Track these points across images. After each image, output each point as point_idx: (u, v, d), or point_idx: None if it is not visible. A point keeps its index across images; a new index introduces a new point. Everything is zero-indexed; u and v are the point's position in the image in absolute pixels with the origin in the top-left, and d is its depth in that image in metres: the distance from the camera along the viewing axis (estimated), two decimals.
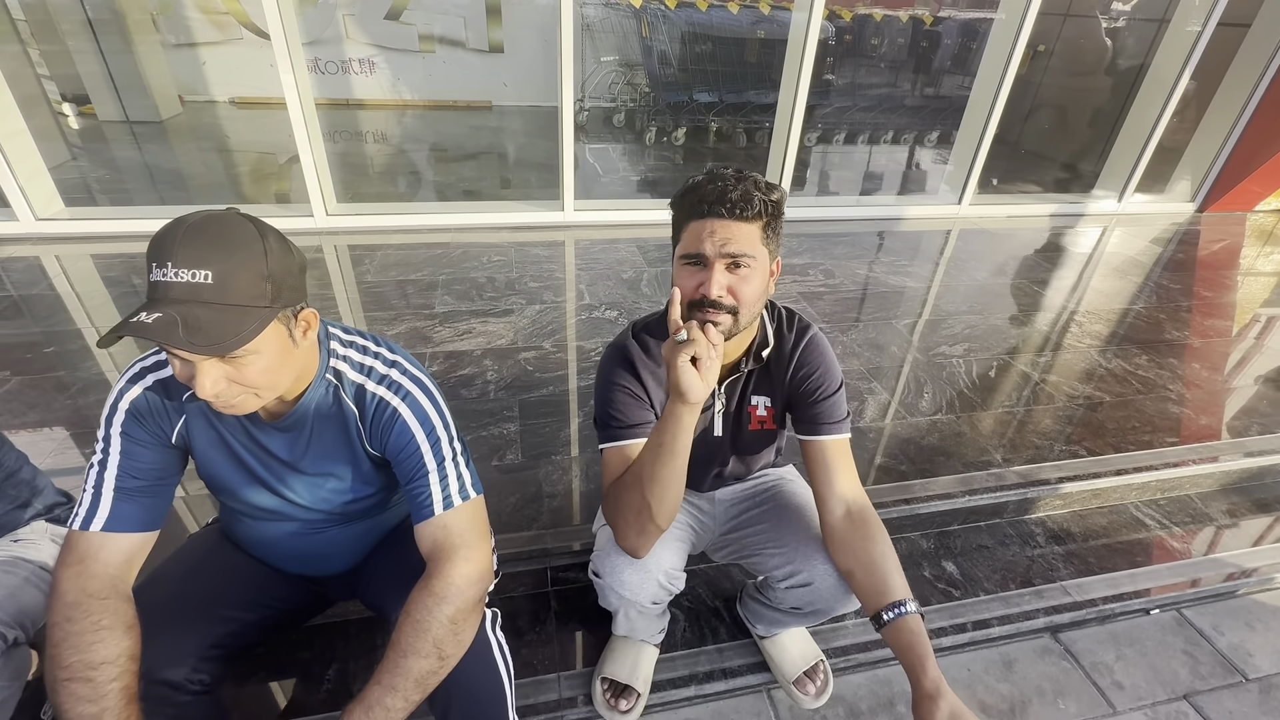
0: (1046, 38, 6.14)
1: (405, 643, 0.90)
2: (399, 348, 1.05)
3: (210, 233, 0.76)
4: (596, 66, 6.44)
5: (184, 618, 1.01)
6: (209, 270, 0.74)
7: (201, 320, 0.74)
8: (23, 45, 3.84)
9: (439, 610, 0.92)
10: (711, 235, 0.96)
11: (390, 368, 1.00)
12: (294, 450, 0.99)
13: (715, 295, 0.96)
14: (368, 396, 0.98)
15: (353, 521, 1.12)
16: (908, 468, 1.91)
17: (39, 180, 3.14)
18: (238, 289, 0.76)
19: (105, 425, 0.93)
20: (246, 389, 0.83)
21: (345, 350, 0.99)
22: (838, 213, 4.13)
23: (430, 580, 0.94)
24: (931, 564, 1.77)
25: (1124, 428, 2.16)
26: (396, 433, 0.98)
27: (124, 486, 0.93)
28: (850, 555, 1.09)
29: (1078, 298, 3.17)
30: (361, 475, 1.04)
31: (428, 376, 1.04)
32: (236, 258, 0.76)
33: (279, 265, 0.81)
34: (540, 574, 1.60)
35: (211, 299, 0.74)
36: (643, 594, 1.14)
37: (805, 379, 1.15)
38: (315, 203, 3.30)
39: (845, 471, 1.14)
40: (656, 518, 1.01)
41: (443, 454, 0.99)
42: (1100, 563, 1.80)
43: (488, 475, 1.78)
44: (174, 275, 0.74)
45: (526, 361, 2.32)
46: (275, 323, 0.81)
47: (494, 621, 1.08)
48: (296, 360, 0.88)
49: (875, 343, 2.60)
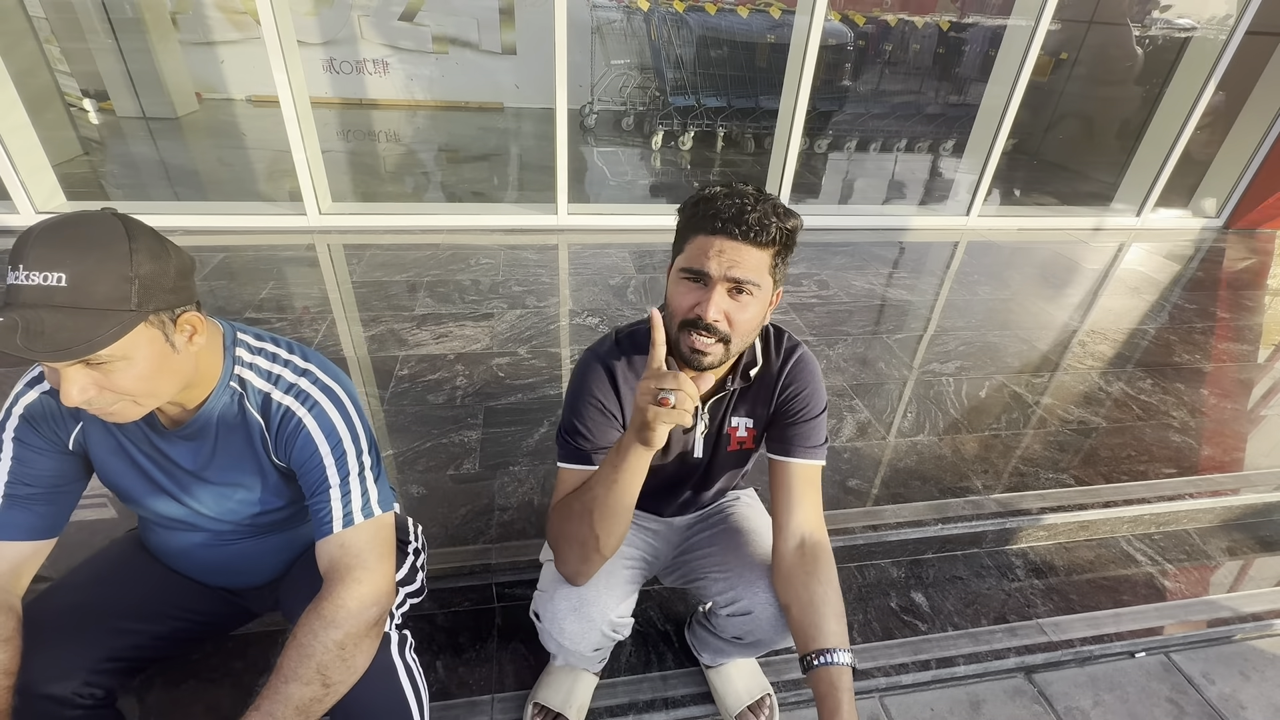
0: (1070, 45, 5.96)
1: (288, 668, 0.85)
2: (315, 354, 1.01)
3: (67, 233, 0.72)
4: (607, 69, 6.41)
5: (76, 629, 0.98)
6: (62, 273, 0.70)
7: (46, 325, 0.69)
8: (38, 42, 3.93)
9: (325, 635, 0.87)
10: (720, 254, 0.89)
11: (300, 376, 0.96)
12: (198, 459, 0.96)
13: (711, 319, 0.90)
14: (273, 406, 0.94)
15: (266, 534, 1.08)
16: (880, 491, 1.83)
17: (41, 174, 3.19)
18: (95, 292, 0.72)
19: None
20: (122, 396, 0.79)
21: (252, 357, 0.95)
22: (839, 222, 4.03)
23: (320, 603, 0.89)
24: (899, 594, 1.68)
25: (1118, 456, 2.04)
26: (300, 444, 0.93)
27: (14, 494, 0.90)
28: (791, 590, 1.03)
29: (1085, 316, 3.04)
30: (270, 487, 1.00)
31: (341, 385, 0.99)
32: (93, 258, 0.72)
33: (147, 267, 0.76)
34: (485, 589, 1.55)
35: (64, 302, 0.70)
36: (584, 643, 1.08)
37: (791, 398, 1.09)
38: (308, 201, 3.31)
39: (809, 501, 1.07)
40: (602, 548, 0.97)
41: (347, 468, 0.95)
42: (1083, 600, 1.70)
43: (441, 485, 1.74)
44: (25, 278, 0.70)
45: (499, 367, 2.28)
46: (145, 326, 0.77)
47: (403, 644, 1.03)
48: (179, 367, 0.84)
49: (862, 358, 2.51)
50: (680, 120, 5.70)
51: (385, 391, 2.12)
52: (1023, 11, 3.74)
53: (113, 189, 3.99)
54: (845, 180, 5.42)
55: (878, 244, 3.79)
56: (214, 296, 2.64)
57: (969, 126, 4.31)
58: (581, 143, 5.94)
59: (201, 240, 3.19)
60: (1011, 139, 3.94)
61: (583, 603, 1.06)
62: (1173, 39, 5.32)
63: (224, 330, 0.95)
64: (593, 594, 1.06)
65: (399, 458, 1.83)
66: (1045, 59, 3.66)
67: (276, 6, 2.87)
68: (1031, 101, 3.81)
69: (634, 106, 6.43)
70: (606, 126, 6.45)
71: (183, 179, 4.40)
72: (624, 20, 6.14)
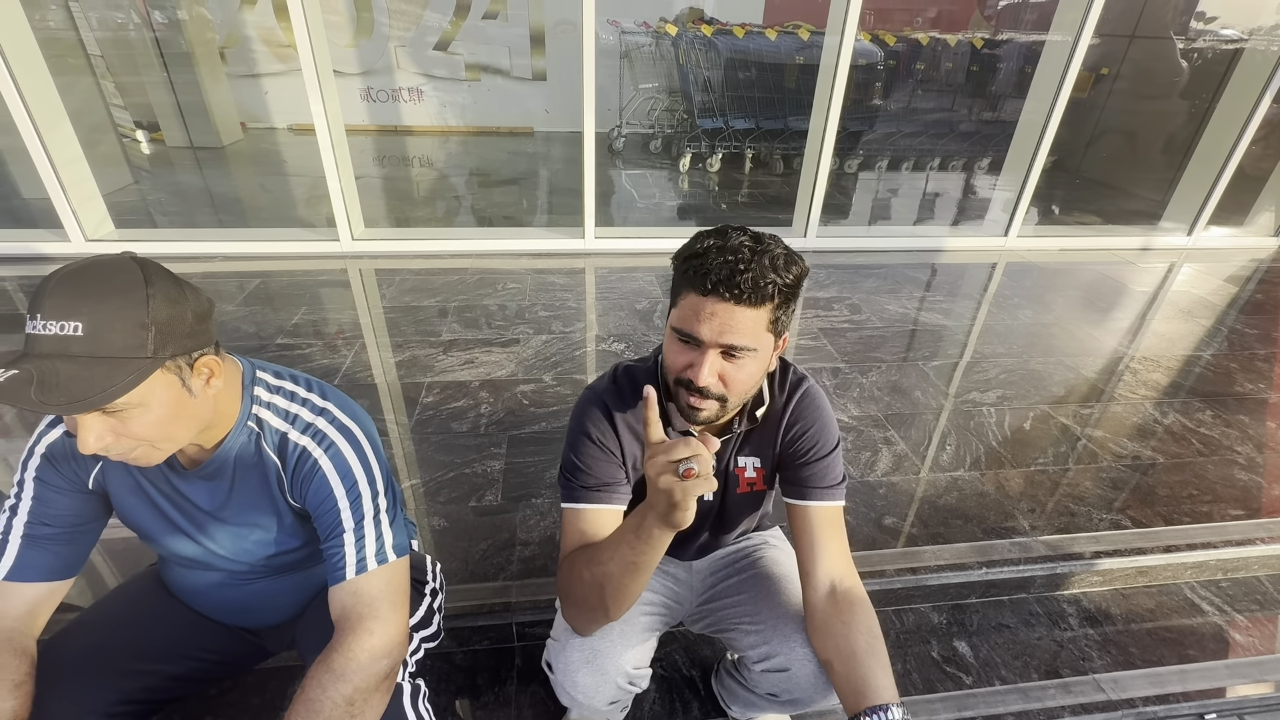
0: (1110, 60, 5.80)
1: None
2: (334, 392, 1.00)
3: (84, 281, 0.71)
4: (635, 93, 6.47)
5: (92, 671, 0.96)
6: (79, 321, 0.69)
7: (62, 376, 0.68)
8: (95, 78, 4.15)
9: (334, 689, 0.84)
10: (711, 318, 0.84)
11: (317, 415, 0.94)
12: (214, 499, 0.94)
13: (704, 384, 0.86)
14: (290, 446, 0.92)
15: (282, 574, 1.06)
16: (918, 530, 1.73)
17: (92, 203, 3.33)
18: (111, 340, 0.71)
19: (20, 469, 0.91)
20: (140, 442, 0.78)
21: (270, 396, 0.94)
22: (871, 244, 3.95)
23: (329, 654, 0.86)
24: (941, 642, 1.58)
25: (1179, 495, 1.91)
26: (315, 486, 0.91)
27: (33, 534, 0.89)
28: (830, 643, 0.96)
29: (1135, 342, 2.89)
30: (285, 527, 0.98)
31: (360, 425, 0.97)
32: (109, 305, 0.71)
33: (164, 313, 0.75)
34: (505, 629, 1.51)
35: (80, 352, 0.69)
36: (598, 697, 1.03)
37: (798, 437, 1.03)
38: (342, 227, 3.38)
39: (834, 544, 1.00)
40: (612, 616, 0.92)
41: (362, 511, 0.92)
42: (1144, 654, 1.57)
43: (463, 517, 1.71)
44: (43, 328, 0.69)
45: (523, 395, 2.26)
46: (161, 373, 0.76)
47: (415, 695, 0.99)
48: (198, 410, 0.83)
49: (897, 386, 2.42)
50: (708, 142, 5.70)
51: (410, 419, 2.11)
52: (1061, 27, 3.64)
53: (159, 216, 4.15)
54: (877, 200, 5.33)
55: (911, 266, 3.69)
56: (250, 321, 2.69)
57: (1005, 144, 4.20)
58: (609, 166, 5.99)
59: (240, 266, 3.27)
60: (1050, 156, 3.81)
61: (596, 654, 1.01)
62: (1221, 51, 5.12)
63: (243, 369, 0.94)
64: (607, 645, 1.01)
65: (421, 488, 1.82)
66: (1085, 74, 3.54)
67: (314, 41, 2.96)
68: (1071, 118, 3.68)
69: (662, 129, 6.46)
70: (634, 149, 6.50)
71: (225, 206, 4.55)
72: (652, 45, 6.20)
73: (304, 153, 6.06)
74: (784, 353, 1.01)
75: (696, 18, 6.24)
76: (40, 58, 3.01)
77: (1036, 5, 7.17)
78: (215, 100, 5.76)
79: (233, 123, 6.12)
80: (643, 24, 6.12)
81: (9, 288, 2.97)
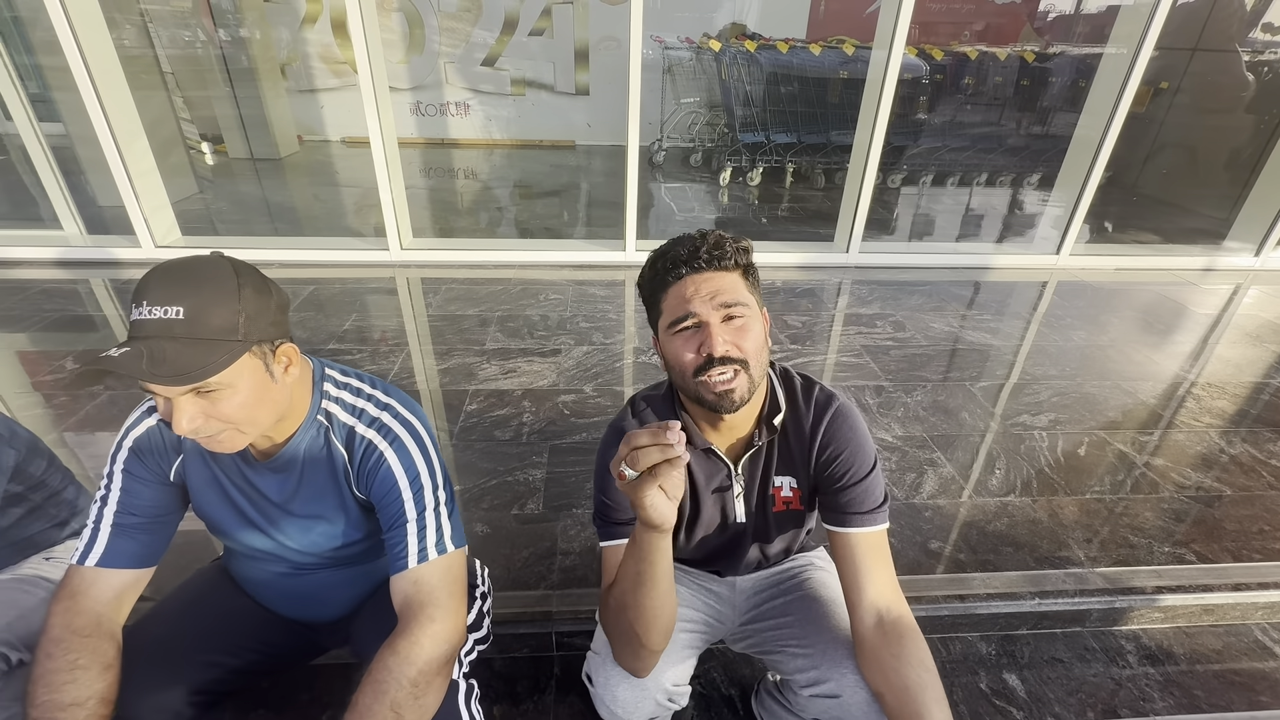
0: (1170, 74, 5.60)
1: (362, 704, 0.85)
2: (395, 389, 1.04)
3: (182, 272, 0.79)
4: (676, 107, 6.53)
5: (168, 663, 1.01)
6: (180, 306, 0.77)
7: (168, 353, 0.75)
8: (167, 93, 4.40)
9: (400, 671, 0.87)
10: (697, 292, 0.89)
11: (382, 410, 0.99)
12: (284, 491, 0.99)
13: (721, 351, 0.87)
14: (357, 439, 0.97)
15: (343, 567, 1.10)
16: (967, 556, 1.68)
17: (161, 212, 3.52)
18: (208, 324, 0.78)
19: (110, 461, 0.97)
20: (226, 425, 0.83)
21: (338, 392, 0.99)
22: (916, 260, 3.88)
23: (395, 639, 0.90)
24: (990, 674, 1.53)
25: (1248, 530, 1.81)
26: (381, 478, 0.96)
27: (121, 523, 0.95)
28: (881, 676, 0.93)
29: (1198, 367, 2.77)
30: (350, 520, 1.02)
31: (421, 422, 1.02)
32: (206, 293, 0.79)
33: (252, 302, 0.83)
34: (545, 638, 1.52)
35: (182, 334, 0.77)
36: (637, 713, 1.03)
37: (832, 460, 1.01)
38: (391, 237, 3.49)
39: (879, 571, 0.98)
40: (648, 644, 0.92)
41: (424, 503, 0.96)
42: (1210, 697, 1.49)
43: (505, 524, 1.74)
44: (148, 313, 0.77)
45: (564, 405, 2.28)
46: (248, 356, 0.82)
47: (469, 694, 1.01)
48: (277, 397, 0.88)
49: (944, 407, 2.36)
50: (749, 156, 5.71)
51: (454, 425, 2.16)
52: (1120, 40, 3.54)
53: (220, 224, 4.36)
54: (921, 216, 5.24)
55: (957, 283, 3.61)
56: (302, 328, 2.80)
57: (1056, 160, 4.08)
58: (650, 179, 6.04)
59: (294, 273, 3.41)
60: (1105, 172, 3.69)
61: None
62: None
63: (313, 366, 1.00)
64: None
65: (465, 494, 1.85)
66: (1143, 89, 3.42)
67: (373, 59, 3.08)
68: (1128, 132, 3.56)
69: (702, 143, 6.50)
70: (675, 163, 6.54)
71: (281, 215, 4.75)
72: (694, 60, 6.25)
73: (355, 164, 6.29)
74: (819, 364, 1.00)
75: (739, 33, 6.27)
76: (122, 76, 3.21)
77: (1090, 18, 6.98)
78: (275, 114, 6.04)
79: (290, 135, 6.40)
80: (685, 39, 6.18)
81: (80, 290, 3.15)
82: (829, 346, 2.79)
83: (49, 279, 3.25)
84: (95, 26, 3.05)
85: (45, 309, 2.92)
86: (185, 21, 6.03)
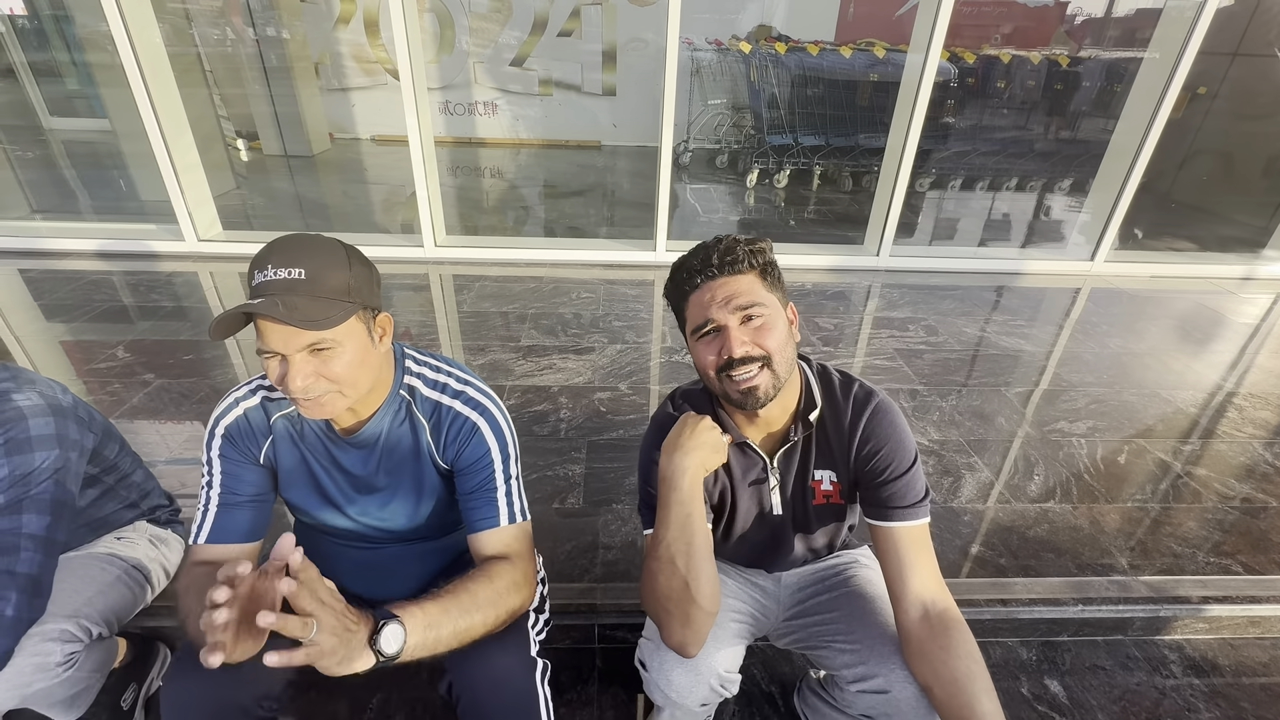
0: (1209, 79, 5.49)
1: (472, 579, 0.93)
2: (470, 370, 1.10)
3: (300, 243, 0.88)
4: (704, 109, 6.54)
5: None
6: (302, 269, 0.85)
7: (298, 304, 0.83)
8: (209, 91, 4.51)
9: (507, 569, 0.96)
10: (713, 298, 0.94)
11: (465, 385, 1.05)
12: (366, 465, 1.04)
13: (740, 353, 0.92)
14: (443, 410, 1.03)
15: (414, 543, 1.15)
16: (1008, 561, 1.68)
17: (204, 206, 3.61)
18: (326, 285, 0.86)
19: (206, 449, 1.03)
20: (332, 386, 0.89)
21: (419, 368, 1.06)
22: (947, 264, 3.85)
23: (483, 565, 0.98)
24: (1031, 680, 1.53)
25: None
26: (474, 444, 1.02)
27: (226, 502, 1.01)
28: (929, 668, 0.94)
29: (1239, 376, 2.72)
30: (426, 493, 1.08)
31: (498, 399, 1.08)
32: (322, 259, 0.87)
33: (360, 271, 0.91)
34: (588, 629, 1.54)
35: (304, 291, 0.84)
36: (691, 698, 1.05)
37: (872, 455, 1.02)
38: (426, 234, 3.55)
39: (923, 565, 0.99)
40: (699, 598, 0.94)
41: (510, 472, 1.04)
42: (1257, 710, 1.47)
43: (547, 518, 1.77)
44: (274, 274, 0.84)
45: (600, 402, 2.31)
46: (356, 319, 0.90)
47: (544, 674, 1.04)
48: (375, 361, 0.95)
49: (980, 411, 2.35)
50: (776, 159, 5.70)
51: None
52: (1161, 44, 3.48)
53: (256, 219, 4.45)
54: (952, 220, 5.20)
55: (988, 288, 3.59)
56: None
57: (1089, 164, 4.04)
58: (675, 180, 6.04)
59: None
60: (1141, 178, 3.64)
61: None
62: None
63: (395, 347, 1.06)
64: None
65: None
66: (1182, 94, 3.37)
67: (414, 60, 3.13)
68: (1164, 138, 3.51)
69: (728, 145, 6.50)
70: (701, 164, 6.55)
71: (314, 211, 4.84)
72: (721, 61, 6.26)
73: (385, 162, 6.39)
74: (850, 367, 1.02)
75: (767, 35, 6.27)
76: (171, 75, 3.30)
77: (1124, 21, 6.87)
78: (309, 112, 6.16)
79: (322, 133, 6.52)
80: (714, 41, 6.19)
81: (118, 281, 3.24)
82: (861, 349, 2.79)
83: (95, 269, 3.35)
84: (147, 27, 3.14)
85: (95, 299, 3.01)
86: (223, 21, 6.17)
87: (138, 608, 1.30)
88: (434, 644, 0.83)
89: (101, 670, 1.21)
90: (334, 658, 0.70)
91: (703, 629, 0.98)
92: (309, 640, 0.69)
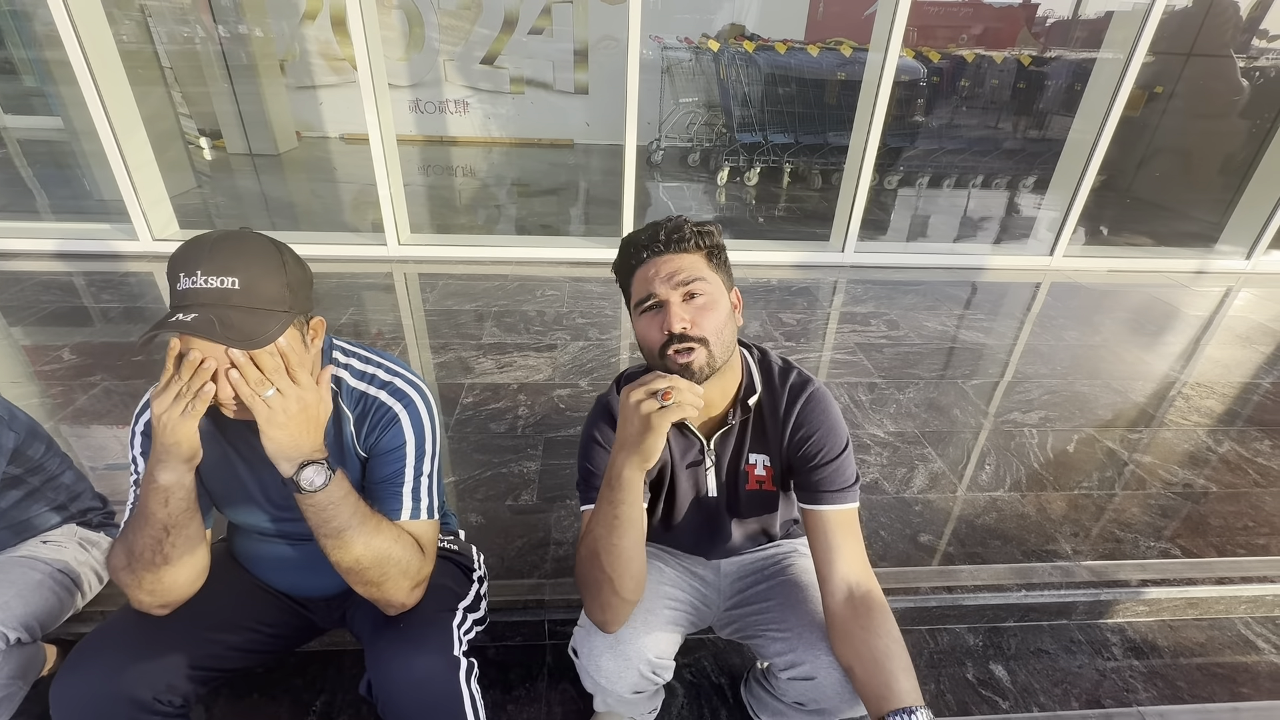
0: (1165, 78, 5.64)
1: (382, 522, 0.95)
2: (400, 361, 1.08)
3: (234, 246, 0.83)
4: (675, 107, 6.55)
5: (167, 635, 1.02)
6: (235, 277, 0.80)
7: (233, 319, 0.80)
8: (166, 88, 4.41)
9: (413, 551, 0.98)
10: (656, 274, 0.94)
11: (393, 376, 1.04)
12: None
13: (679, 328, 0.91)
14: (368, 400, 1.01)
15: None
16: (955, 549, 1.71)
17: (160, 205, 3.52)
18: (260, 294, 0.82)
19: (130, 447, 1.00)
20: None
21: (346, 359, 1.04)
22: (911, 260, 3.91)
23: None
24: (977, 665, 1.55)
25: (1233, 526, 1.84)
26: (391, 434, 1.00)
27: None
28: (850, 648, 0.96)
29: (1187, 367, 2.80)
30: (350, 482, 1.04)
31: (427, 392, 1.06)
32: (258, 267, 0.83)
33: (295, 276, 0.88)
34: (538, 626, 1.54)
35: (239, 303, 0.81)
36: (620, 684, 1.05)
37: (805, 440, 1.04)
38: (389, 232, 3.50)
39: (849, 548, 1.01)
40: (620, 591, 0.94)
41: (423, 468, 1.02)
42: (1193, 689, 1.51)
43: (499, 514, 1.76)
44: (204, 282, 0.80)
45: (560, 399, 2.30)
46: (293, 327, 0.87)
47: (469, 672, 1.03)
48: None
49: (935, 404, 2.38)
50: (746, 157, 5.73)
51: (450, 418, 2.17)
52: (1114, 45, 3.57)
53: (218, 219, 4.36)
54: (917, 217, 5.27)
55: (951, 284, 3.64)
56: None
57: (1051, 162, 4.12)
58: (648, 178, 6.06)
59: None
60: (1099, 175, 3.73)
61: (619, 640, 1.03)
62: None
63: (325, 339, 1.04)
64: (629, 632, 1.04)
65: (460, 485, 1.87)
66: (1138, 92, 3.46)
67: (372, 57, 3.09)
68: (1122, 136, 3.59)
69: (700, 143, 6.52)
70: (673, 162, 6.56)
71: (279, 210, 4.76)
72: (693, 60, 6.27)
73: (354, 161, 6.29)
74: (812, 361, 1.03)
75: (738, 34, 6.30)
76: (121, 70, 3.22)
77: (1087, 23, 7.03)
78: (274, 110, 6.05)
79: (289, 131, 6.40)
80: (684, 39, 6.20)
81: (69, 282, 3.15)
82: (823, 344, 2.81)
83: (45, 270, 3.26)
84: (95, 22, 3.06)
85: (43, 300, 2.93)
86: (184, 17, 6.04)
87: (67, 613, 1.26)
88: (344, 518, 0.90)
89: (25, 678, 1.17)
90: (279, 419, 0.85)
91: (622, 614, 0.99)
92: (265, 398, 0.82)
